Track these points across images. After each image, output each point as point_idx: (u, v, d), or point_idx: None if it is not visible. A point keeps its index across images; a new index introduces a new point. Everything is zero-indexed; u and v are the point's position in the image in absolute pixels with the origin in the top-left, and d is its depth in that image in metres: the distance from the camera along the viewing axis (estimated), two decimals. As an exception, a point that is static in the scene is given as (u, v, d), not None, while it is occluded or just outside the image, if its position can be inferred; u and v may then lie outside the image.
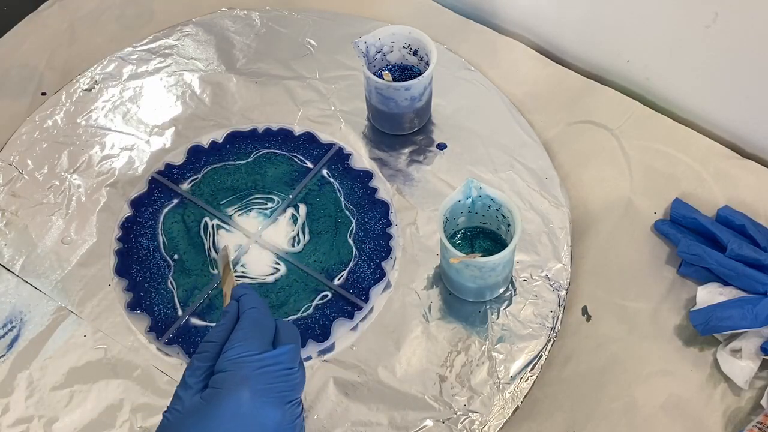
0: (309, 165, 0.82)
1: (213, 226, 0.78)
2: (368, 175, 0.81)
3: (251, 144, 0.84)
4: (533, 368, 0.69)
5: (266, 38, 0.93)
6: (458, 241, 0.74)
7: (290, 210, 0.79)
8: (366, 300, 0.73)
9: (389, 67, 0.83)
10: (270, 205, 0.80)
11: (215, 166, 0.82)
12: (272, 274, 0.75)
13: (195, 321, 0.73)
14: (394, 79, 0.82)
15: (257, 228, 0.78)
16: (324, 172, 0.81)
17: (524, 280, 0.74)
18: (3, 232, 0.79)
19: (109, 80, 0.89)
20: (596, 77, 0.89)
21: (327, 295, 0.74)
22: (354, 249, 0.76)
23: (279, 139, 0.84)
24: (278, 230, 0.78)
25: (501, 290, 0.73)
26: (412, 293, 0.74)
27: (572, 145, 0.84)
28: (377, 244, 0.76)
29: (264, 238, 0.77)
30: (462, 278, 0.70)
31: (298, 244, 0.77)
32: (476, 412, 0.67)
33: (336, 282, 0.74)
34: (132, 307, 0.74)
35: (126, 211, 0.80)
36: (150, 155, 0.84)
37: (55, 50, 0.94)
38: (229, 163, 0.82)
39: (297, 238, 0.77)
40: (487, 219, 0.73)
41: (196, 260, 0.76)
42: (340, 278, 0.75)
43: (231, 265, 0.68)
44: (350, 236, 0.77)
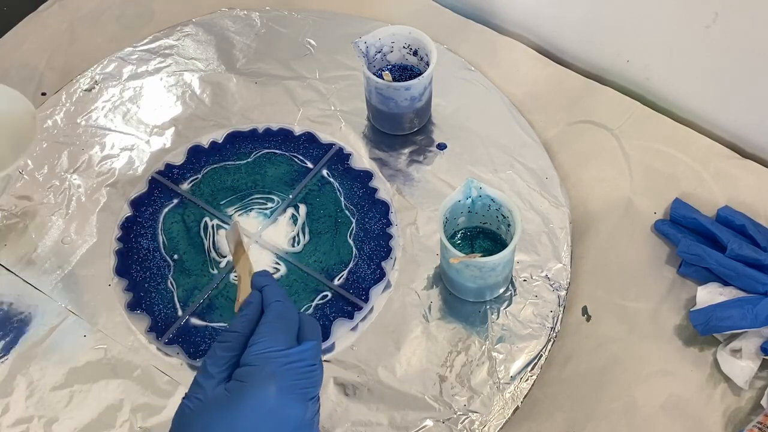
0: (309, 165, 0.82)
1: (213, 226, 0.78)
2: (368, 175, 0.81)
3: (251, 144, 0.84)
4: (533, 368, 0.69)
5: (266, 38, 0.93)
6: (458, 241, 0.74)
7: (290, 210, 0.79)
8: (366, 300, 0.73)
9: (389, 67, 0.83)
10: (270, 205, 0.80)
11: (215, 166, 0.82)
12: (272, 275, 0.75)
13: (195, 321, 0.73)
14: (394, 79, 0.82)
15: (257, 228, 0.78)
16: (324, 172, 0.81)
17: (524, 280, 0.74)
18: (3, 232, 0.79)
19: (109, 80, 0.89)
20: (596, 77, 0.89)
21: (327, 295, 0.74)
22: (354, 249, 0.76)
23: (279, 139, 0.84)
24: (278, 230, 0.78)
25: (501, 290, 0.73)
26: (412, 293, 0.74)
27: (572, 145, 0.83)
28: (377, 244, 0.76)
29: (264, 238, 0.77)
30: (462, 278, 0.70)
31: (298, 244, 0.77)
32: (476, 412, 0.67)
33: (336, 282, 0.74)
34: (132, 307, 0.74)
35: (126, 211, 0.80)
36: (150, 155, 0.84)
37: (55, 50, 0.93)
38: (229, 163, 0.82)
39: (297, 238, 0.77)
40: (487, 219, 0.73)
41: (196, 260, 0.76)
42: (340, 278, 0.75)
43: (245, 245, 0.66)
44: (350, 236, 0.77)
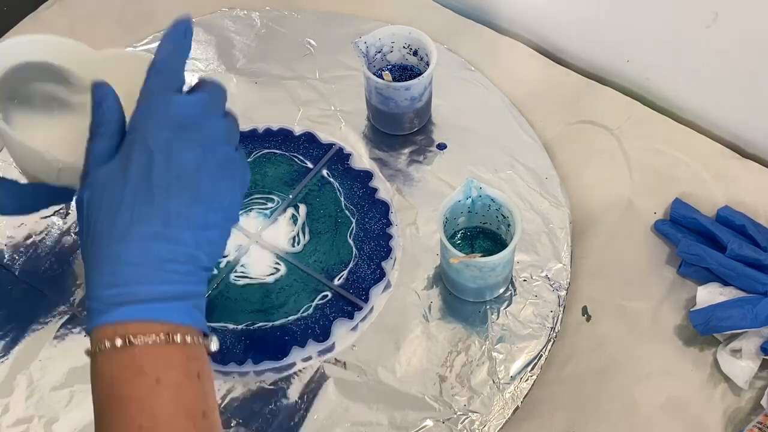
0: (309, 165, 0.82)
1: (213, 226, 0.78)
2: (368, 175, 0.81)
3: (251, 144, 0.84)
4: (533, 368, 0.69)
5: (266, 38, 0.93)
6: (458, 241, 0.74)
7: (290, 210, 0.79)
8: (366, 300, 0.73)
9: (389, 67, 0.83)
10: (270, 205, 0.79)
11: (215, 166, 0.82)
12: (272, 275, 0.75)
13: (195, 321, 0.73)
14: (394, 79, 0.82)
15: (257, 228, 0.78)
16: (324, 172, 0.81)
17: (524, 280, 0.74)
18: (3, 232, 0.79)
19: (109, 80, 0.89)
20: (596, 77, 0.89)
21: (327, 295, 0.74)
22: (354, 249, 0.76)
23: (279, 139, 0.84)
24: (278, 230, 0.78)
25: (501, 290, 0.73)
26: (412, 293, 0.74)
27: (572, 145, 0.83)
28: (377, 244, 0.76)
29: (264, 238, 0.77)
30: (462, 278, 0.70)
31: (298, 244, 0.77)
32: (476, 412, 0.67)
33: (336, 282, 0.74)
34: (132, 307, 0.74)
35: (126, 211, 0.79)
36: (150, 155, 0.84)
37: (55, 50, 0.93)
38: (229, 163, 0.82)
39: (297, 238, 0.77)
40: (487, 219, 0.73)
41: (196, 260, 0.76)
42: (340, 278, 0.75)
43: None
44: (350, 236, 0.77)
